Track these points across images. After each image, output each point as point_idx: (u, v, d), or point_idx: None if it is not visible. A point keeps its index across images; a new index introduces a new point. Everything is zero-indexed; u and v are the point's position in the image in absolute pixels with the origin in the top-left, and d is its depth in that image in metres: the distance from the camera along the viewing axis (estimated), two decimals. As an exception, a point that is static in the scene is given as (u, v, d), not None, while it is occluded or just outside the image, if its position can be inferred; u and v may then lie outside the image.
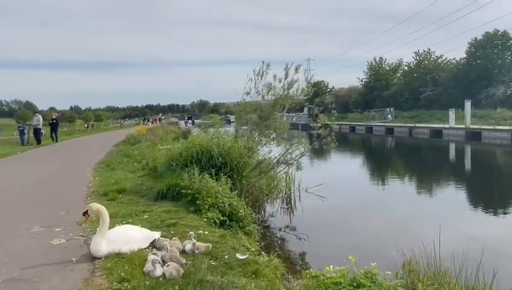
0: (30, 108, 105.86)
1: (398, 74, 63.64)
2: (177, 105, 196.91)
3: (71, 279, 3.87)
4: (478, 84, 43.73)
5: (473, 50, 46.99)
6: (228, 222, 6.46)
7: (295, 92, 10.28)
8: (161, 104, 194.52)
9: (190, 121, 59.94)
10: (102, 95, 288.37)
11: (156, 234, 4.97)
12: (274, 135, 10.26)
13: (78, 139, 32.29)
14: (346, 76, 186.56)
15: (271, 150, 10.22)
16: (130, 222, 5.69)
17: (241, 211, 6.74)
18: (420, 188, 14.40)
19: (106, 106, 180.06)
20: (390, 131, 41.17)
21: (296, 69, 10.22)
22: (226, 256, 4.58)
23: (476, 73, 44.55)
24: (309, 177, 11.67)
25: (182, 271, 3.98)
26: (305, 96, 10.95)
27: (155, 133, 24.35)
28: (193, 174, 7.36)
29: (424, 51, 55.82)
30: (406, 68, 60.69)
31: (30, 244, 5.04)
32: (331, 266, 3.66)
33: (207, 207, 6.50)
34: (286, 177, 10.95)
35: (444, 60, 54.68)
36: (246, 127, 10.75)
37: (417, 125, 38.46)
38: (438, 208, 10.91)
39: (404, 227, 8.93)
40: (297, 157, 9.89)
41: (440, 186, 14.70)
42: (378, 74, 63.06)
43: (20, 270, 4.10)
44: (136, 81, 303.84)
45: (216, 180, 7.43)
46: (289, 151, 9.97)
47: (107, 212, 4.71)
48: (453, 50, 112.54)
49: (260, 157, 10.02)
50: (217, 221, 6.28)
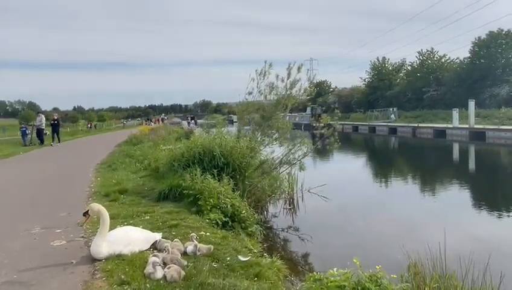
0: (33, 108, 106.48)
1: (401, 74, 63.41)
2: (179, 105, 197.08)
3: (70, 282, 3.82)
4: (482, 83, 43.44)
5: (477, 49, 46.67)
6: (230, 223, 6.42)
7: (298, 92, 10.20)
8: (164, 104, 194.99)
9: (193, 121, 59.98)
10: (105, 96, 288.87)
11: (157, 236, 4.93)
12: (276, 135, 10.19)
13: (81, 139, 32.34)
14: (349, 76, 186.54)
15: (274, 150, 10.16)
16: (132, 223, 5.65)
17: (243, 212, 6.70)
18: (424, 189, 14.26)
19: (109, 106, 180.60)
20: (393, 131, 40.99)
21: (299, 69, 10.14)
22: (228, 258, 4.54)
23: (480, 72, 44.25)
24: (312, 177, 11.59)
25: (183, 273, 3.93)
26: (307, 96, 10.85)
27: (157, 133, 24.33)
28: (195, 174, 7.32)
29: (428, 51, 55.53)
30: (409, 68, 60.35)
31: (30, 245, 5.00)
32: (335, 269, 3.58)
33: (209, 208, 6.47)
34: (289, 177, 10.85)
35: (448, 60, 54.34)
36: (249, 127, 10.68)
37: (420, 125, 38.25)
38: (443, 209, 10.78)
39: (408, 228, 8.83)
40: (300, 157, 9.82)
41: (444, 187, 14.55)
42: (381, 74, 62.84)
43: (19, 272, 4.06)
44: (139, 81, 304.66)
45: (218, 180, 7.39)
46: (292, 151, 9.91)
47: (108, 213, 4.67)
48: (457, 49, 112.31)
49: (263, 157, 9.96)
50: (219, 222, 6.24)
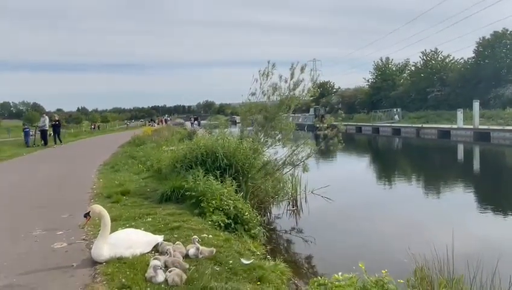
0: (38, 109, 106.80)
1: (405, 74, 63.02)
2: (183, 106, 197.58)
3: (71, 285, 3.77)
4: (486, 84, 43.13)
5: (481, 49, 46.33)
6: (233, 225, 6.35)
7: (301, 93, 10.14)
8: (167, 105, 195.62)
9: (196, 122, 60.07)
10: (108, 97, 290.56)
11: (159, 238, 4.87)
12: (280, 136, 10.13)
13: (84, 140, 32.40)
14: (352, 76, 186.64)
15: (277, 151, 10.09)
16: (133, 225, 5.59)
17: (246, 214, 6.63)
18: (429, 190, 14.13)
19: (113, 107, 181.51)
20: (397, 132, 40.77)
21: (302, 69, 10.07)
22: (231, 261, 4.47)
23: (484, 73, 43.92)
24: (316, 178, 11.50)
25: (185, 277, 3.87)
26: (311, 96, 10.77)
27: (160, 134, 24.33)
28: (198, 176, 7.26)
29: (431, 51, 55.16)
30: (413, 68, 59.97)
31: (31, 248, 4.96)
32: (340, 273, 3.50)
33: (211, 210, 6.40)
34: (292, 178, 10.78)
35: (452, 60, 53.98)
36: (252, 128, 10.62)
37: (424, 125, 38.01)
38: (449, 211, 10.64)
39: (413, 230, 8.71)
40: (303, 158, 9.74)
41: (449, 188, 14.41)
42: (384, 74, 62.52)
43: (19, 275, 4.01)
44: (142, 82, 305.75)
45: (221, 182, 7.33)
46: (295, 152, 9.83)
47: (110, 215, 4.62)
48: (461, 50, 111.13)
49: (266, 158, 9.88)
50: (222, 224, 6.17)
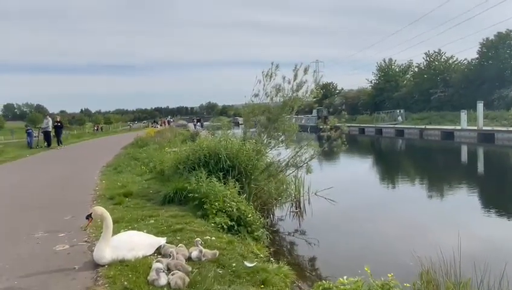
0: (41, 111, 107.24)
1: (408, 75, 62.84)
2: (185, 107, 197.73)
3: (72, 288, 3.74)
4: (490, 85, 42.94)
5: (485, 50, 46.15)
6: (236, 227, 6.31)
7: (304, 94, 10.09)
8: (170, 106, 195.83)
9: (199, 124, 60.07)
10: (111, 98, 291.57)
11: (162, 240, 4.83)
12: (283, 137, 10.08)
13: (87, 142, 32.44)
14: (355, 78, 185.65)
15: (280, 153, 10.04)
16: (136, 227, 5.56)
17: (249, 216, 6.58)
18: (433, 192, 14.03)
19: (116, 109, 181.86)
20: (400, 133, 40.62)
21: (305, 71, 10.01)
22: (234, 264, 4.43)
23: (488, 74, 43.72)
24: (319, 180, 11.42)
25: (188, 280, 3.83)
26: (314, 98, 10.73)
27: (163, 135, 24.31)
28: (200, 177, 7.22)
29: (435, 52, 54.93)
30: (416, 69, 59.76)
31: (33, 250, 4.93)
32: (345, 277, 3.44)
33: (214, 212, 6.36)
34: (295, 180, 10.72)
35: (455, 61, 53.73)
36: (254, 130, 10.58)
37: (428, 127, 37.83)
38: (454, 213, 10.55)
39: (418, 233, 8.64)
40: (306, 160, 9.69)
41: (454, 190, 14.29)
42: (387, 75, 62.37)
43: (20, 278, 3.97)
44: (145, 83, 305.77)
45: (224, 183, 7.29)
46: (298, 154, 9.78)
47: (112, 216, 4.58)
48: (464, 51, 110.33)
49: (269, 160, 9.83)
50: (225, 226, 6.13)
